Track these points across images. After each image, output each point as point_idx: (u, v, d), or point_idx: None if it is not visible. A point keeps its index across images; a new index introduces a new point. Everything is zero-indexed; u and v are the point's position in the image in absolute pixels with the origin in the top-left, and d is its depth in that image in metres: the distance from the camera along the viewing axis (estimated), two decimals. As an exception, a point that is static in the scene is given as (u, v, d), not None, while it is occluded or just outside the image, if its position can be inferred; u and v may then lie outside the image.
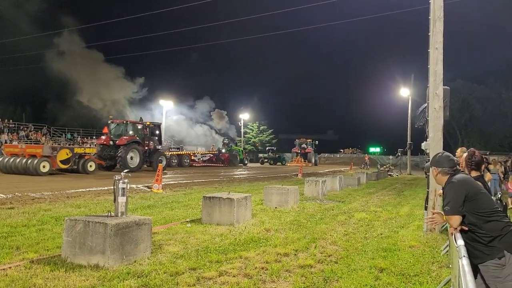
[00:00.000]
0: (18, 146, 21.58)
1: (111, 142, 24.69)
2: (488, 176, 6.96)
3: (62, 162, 20.47)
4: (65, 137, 42.67)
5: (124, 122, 26.66)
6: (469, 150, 4.47)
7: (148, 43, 74.95)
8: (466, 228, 3.27)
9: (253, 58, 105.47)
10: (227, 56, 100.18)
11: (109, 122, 26.33)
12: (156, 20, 75.02)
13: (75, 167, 21.07)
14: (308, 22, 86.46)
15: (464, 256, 2.85)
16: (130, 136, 24.95)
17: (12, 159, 20.30)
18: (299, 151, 49.44)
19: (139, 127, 26.19)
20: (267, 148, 57.31)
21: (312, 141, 51.26)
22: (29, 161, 19.46)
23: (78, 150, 22.24)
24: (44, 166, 19.56)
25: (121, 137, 24.66)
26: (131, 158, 24.33)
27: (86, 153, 22.33)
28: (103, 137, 25.40)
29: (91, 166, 21.93)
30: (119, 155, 23.59)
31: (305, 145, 49.44)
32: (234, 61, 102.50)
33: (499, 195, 7.33)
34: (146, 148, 25.86)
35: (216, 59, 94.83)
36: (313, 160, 48.51)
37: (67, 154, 20.79)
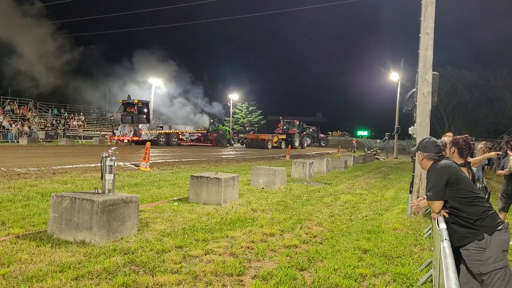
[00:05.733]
0: (255, 135, 42.00)
1: (282, 132, 43.67)
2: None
3: (275, 142, 39.99)
4: (52, 112, 42.06)
5: (291, 121, 46.34)
6: (464, 136, 4.40)
7: (134, 20, 73.47)
8: (447, 212, 3.35)
9: (243, 38, 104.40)
10: (217, 36, 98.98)
11: (281, 119, 45.83)
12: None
13: (278, 145, 39.85)
14: (300, 3, 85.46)
15: (445, 239, 2.92)
16: (295, 129, 44.74)
17: (251, 141, 40.32)
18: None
19: (297, 123, 46.49)
20: (247, 129, 56.28)
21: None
22: (262, 142, 39.32)
23: (280, 136, 41.53)
24: (269, 145, 38.97)
25: (290, 129, 44.34)
26: (294, 141, 43.10)
27: (281, 138, 41.38)
28: (279, 129, 44.33)
29: (283, 146, 39.76)
30: (289, 139, 42.16)
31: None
32: (224, 41, 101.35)
33: (485, 182, 7.42)
34: (301, 134, 46.56)
35: (206, 38, 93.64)
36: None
37: (277, 139, 40.43)
